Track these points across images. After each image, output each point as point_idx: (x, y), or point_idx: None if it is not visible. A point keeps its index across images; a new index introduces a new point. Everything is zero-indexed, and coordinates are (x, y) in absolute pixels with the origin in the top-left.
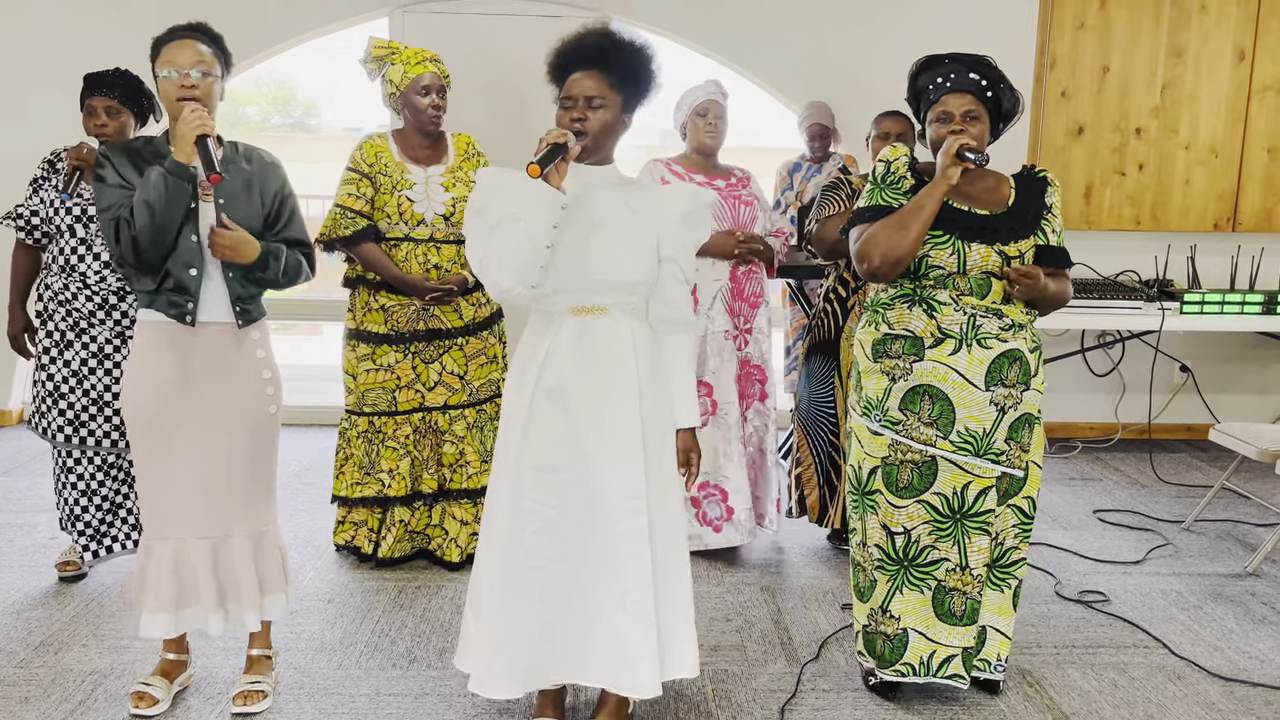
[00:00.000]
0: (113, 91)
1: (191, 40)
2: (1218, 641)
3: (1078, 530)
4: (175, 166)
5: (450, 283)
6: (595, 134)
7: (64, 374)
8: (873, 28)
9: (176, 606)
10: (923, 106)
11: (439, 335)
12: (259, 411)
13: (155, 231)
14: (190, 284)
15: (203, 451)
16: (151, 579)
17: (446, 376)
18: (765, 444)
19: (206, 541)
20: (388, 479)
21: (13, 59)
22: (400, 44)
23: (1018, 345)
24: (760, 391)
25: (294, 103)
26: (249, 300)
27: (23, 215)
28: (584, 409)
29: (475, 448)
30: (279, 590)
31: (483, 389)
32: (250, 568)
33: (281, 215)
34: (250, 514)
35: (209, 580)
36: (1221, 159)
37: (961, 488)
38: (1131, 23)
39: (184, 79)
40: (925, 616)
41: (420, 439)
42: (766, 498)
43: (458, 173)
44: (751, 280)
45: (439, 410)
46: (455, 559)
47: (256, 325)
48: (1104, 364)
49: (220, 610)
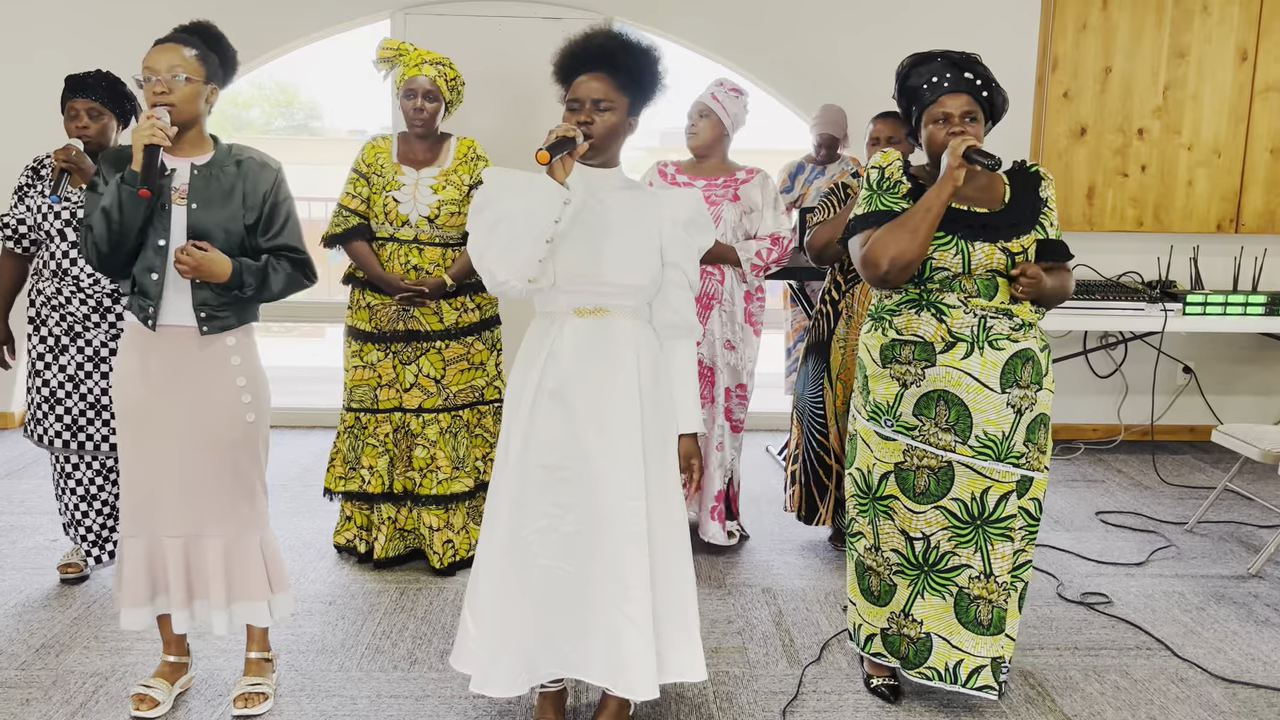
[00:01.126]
0: (94, 94)
1: (174, 45)
2: (1220, 643)
3: (1080, 532)
4: (131, 175)
5: (423, 284)
6: (601, 136)
7: (59, 379)
8: (874, 30)
9: (150, 596)
10: (915, 106)
11: (417, 337)
12: (232, 420)
13: (113, 238)
14: (151, 288)
15: (177, 453)
16: (127, 574)
17: (422, 379)
18: (708, 449)
19: (178, 540)
20: (368, 475)
21: (16, 64)
22: (410, 45)
23: (1029, 345)
24: (709, 394)
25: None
26: (217, 308)
27: (9, 224)
28: (585, 410)
29: (447, 453)
30: (257, 598)
31: (460, 395)
32: (220, 571)
33: (274, 221)
34: (227, 517)
35: (179, 578)
36: (1224, 160)
37: (980, 493)
38: (1134, 24)
39: (155, 85)
40: (948, 623)
41: (399, 439)
42: (703, 506)
43: (451, 176)
44: (706, 280)
45: (413, 413)
46: (436, 565)
47: (232, 332)
48: (1106, 365)
49: (186, 608)
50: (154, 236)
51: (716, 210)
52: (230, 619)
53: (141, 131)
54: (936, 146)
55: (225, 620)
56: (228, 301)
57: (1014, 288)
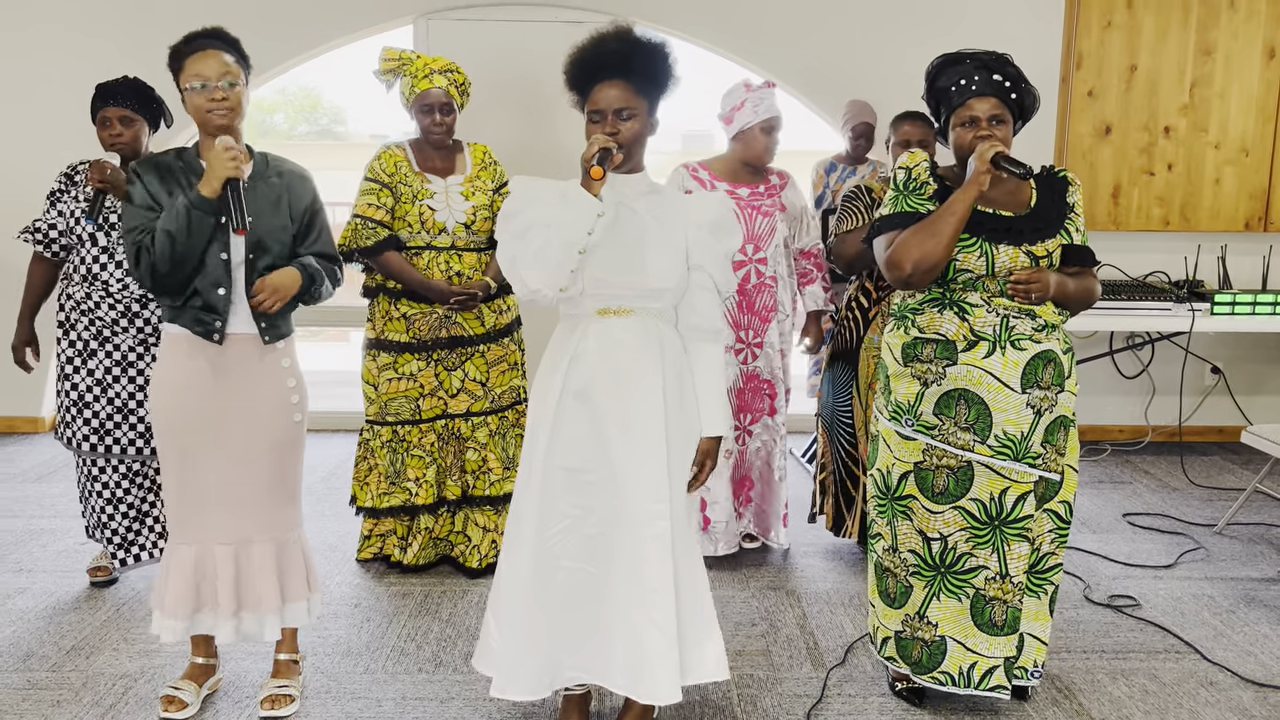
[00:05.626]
0: (124, 101)
1: (215, 50)
2: (1251, 646)
3: (1107, 534)
4: (200, 201)
5: (474, 288)
6: (629, 144)
7: (88, 383)
8: (896, 28)
9: (192, 611)
10: (944, 108)
11: (461, 343)
12: (283, 421)
13: (175, 260)
14: (218, 303)
15: (227, 459)
16: (172, 582)
17: (469, 384)
18: (773, 459)
19: (229, 547)
20: (414, 488)
21: (18, 64)
22: (412, 54)
23: (1051, 346)
24: (770, 406)
25: (320, 110)
26: (277, 317)
27: (41, 229)
28: (610, 411)
29: (498, 454)
30: (300, 598)
31: (504, 395)
32: (272, 574)
33: (312, 230)
34: (273, 521)
35: (228, 586)
36: (1252, 158)
37: (999, 493)
38: (1159, 21)
39: (213, 92)
40: (964, 626)
41: (444, 446)
42: (773, 513)
43: (476, 182)
44: (764, 294)
45: (461, 417)
46: (475, 565)
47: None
48: (1133, 366)
49: (234, 619)
50: (215, 250)
51: (770, 222)
52: (281, 621)
53: (223, 163)
54: (963, 149)
55: (277, 624)
56: (286, 310)
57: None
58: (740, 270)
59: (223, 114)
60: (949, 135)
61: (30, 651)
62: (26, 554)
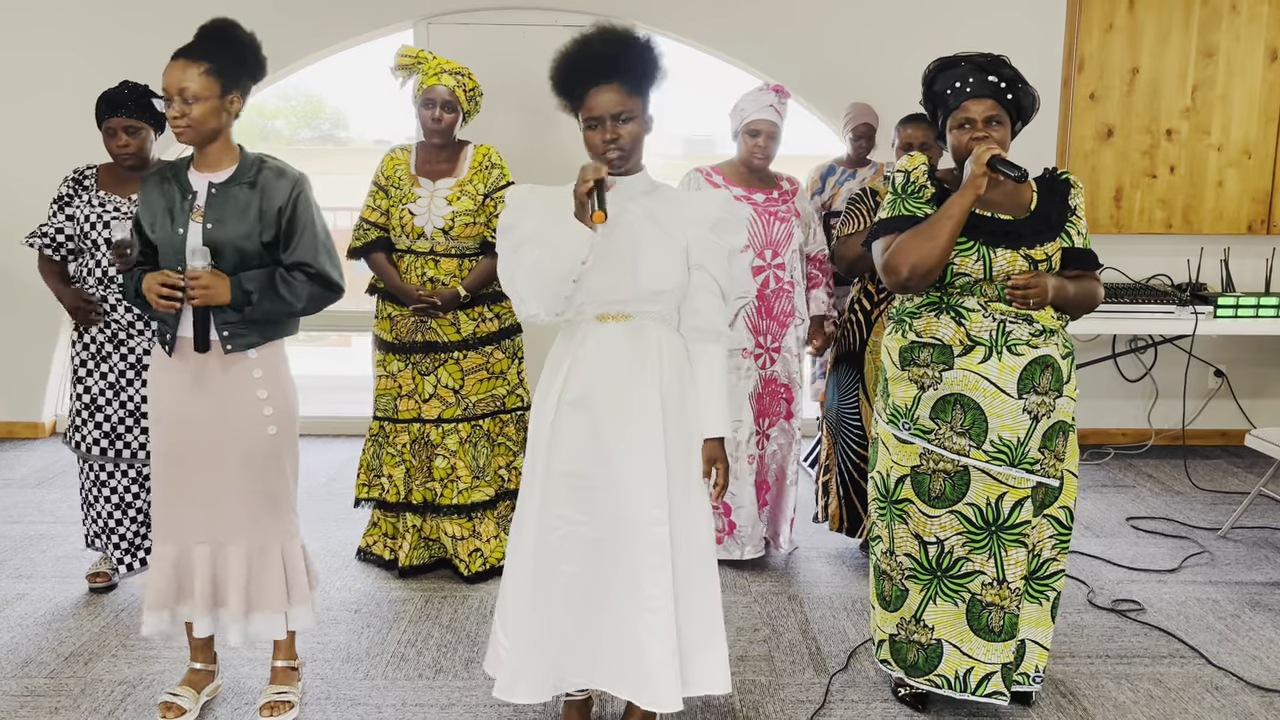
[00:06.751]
0: (128, 110)
1: (184, 62)
2: (1256, 651)
3: (1111, 538)
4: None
5: (437, 295)
6: (629, 147)
7: (100, 386)
8: (898, 32)
9: (172, 605)
10: (941, 111)
11: (435, 348)
12: (255, 433)
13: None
14: (168, 315)
15: (204, 466)
16: (154, 577)
17: (441, 389)
18: (786, 464)
19: (205, 547)
20: (386, 484)
21: (19, 62)
22: (429, 54)
23: (1049, 351)
24: (786, 410)
25: (322, 115)
26: (239, 324)
27: (49, 234)
28: (607, 416)
29: (467, 463)
30: (275, 609)
31: (481, 404)
32: (240, 580)
33: (292, 236)
34: (249, 527)
35: (204, 584)
36: (1255, 160)
37: (996, 499)
38: (1161, 23)
39: (170, 107)
40: (960, 630)
41: (416, 449)
42: (782, 518)
43: (466, 186)
44: (782, 299)
45: (433, 423)
46: (464, 573)
47: (257, 348)
48: (1136, 369)
49: (209, 614)
50: (170, 263)
51: (786, 227)
52: (246, 629)
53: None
54: (960, 151)
55: (240, 631)
56: (249, 319)
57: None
58: (759, 275)
59: (179, 131)
60: (947, 139)
61: (29, 658)
62: (25, 560)
